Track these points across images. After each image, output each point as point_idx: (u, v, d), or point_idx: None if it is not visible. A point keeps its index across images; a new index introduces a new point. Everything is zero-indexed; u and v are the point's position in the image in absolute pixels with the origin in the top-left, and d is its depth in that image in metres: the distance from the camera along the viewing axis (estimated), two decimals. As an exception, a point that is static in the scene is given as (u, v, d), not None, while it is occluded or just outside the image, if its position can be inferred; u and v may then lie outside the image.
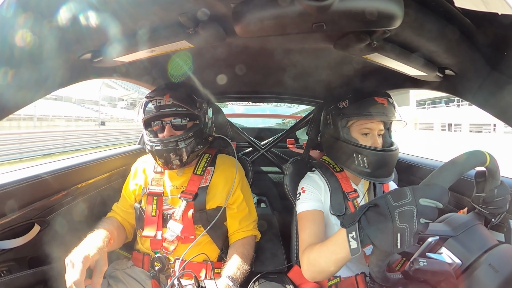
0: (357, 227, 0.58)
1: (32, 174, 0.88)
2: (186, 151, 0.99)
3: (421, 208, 0.52)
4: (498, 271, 0.53)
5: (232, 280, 0.89)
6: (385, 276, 0.62)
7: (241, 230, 1.10)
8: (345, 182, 1.00)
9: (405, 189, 0.55)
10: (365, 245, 0.58)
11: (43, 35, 0.64)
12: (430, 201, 0.52)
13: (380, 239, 0.55)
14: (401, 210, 0.53)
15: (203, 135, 1.07)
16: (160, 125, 1.03)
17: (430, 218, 0.51)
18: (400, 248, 0.52)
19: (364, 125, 0.92)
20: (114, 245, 1.02)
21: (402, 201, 0.54)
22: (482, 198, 0.68)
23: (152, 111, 1.00)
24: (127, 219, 1.13)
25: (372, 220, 0.57)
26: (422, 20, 0.67)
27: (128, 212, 1.13)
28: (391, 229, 0.53)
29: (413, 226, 0.51)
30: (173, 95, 0.99)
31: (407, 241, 0.52)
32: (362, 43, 0.75)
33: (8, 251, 0.81)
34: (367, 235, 0.57)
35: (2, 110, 0.65)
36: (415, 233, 0.51)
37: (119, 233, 1.06)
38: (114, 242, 0.98)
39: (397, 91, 1.27)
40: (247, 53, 1.09)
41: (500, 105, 0.76)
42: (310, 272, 0.80)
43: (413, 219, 0.51)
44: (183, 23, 0.69)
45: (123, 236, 1.10)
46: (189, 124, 1.04)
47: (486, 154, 0.61)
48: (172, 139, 0.98)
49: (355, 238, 0.58)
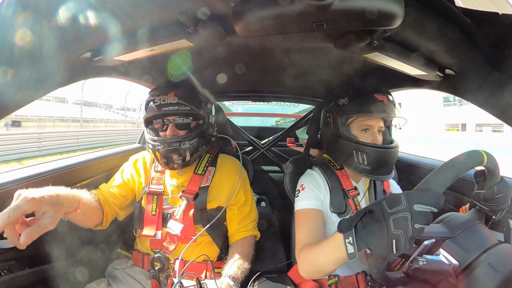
0: (354, 232, 0.59)
1: (32, 173, 0.88)
2: (189, 152, 0.98)
3: (416, 214, 0.52)
4: (498, 270, 0.53)
5: (233, 279, 0.89)
6: (385, 276, 0.62)
7: (241, 230, 1.10)
8: (345, 180, 1.00)
9: (399, 195, 0.55)
10: (361, 249, 0.59)
11: (43, 35, 0.64)
12: (425, 207, 0.52)
13: (375, 244, 0.56)
14: (395, 217, 0.53)
15: (206, 136, 1.06)
16: (162, 124, 1.02)
17: (424, 223, 0.52)
18: (396, 252, 0.53)
19: (364, 121, 0.92)
20: (79, 218, 0.86)
21: (396, 207, 0.54)
22: (482, 195, 0.68)
23: (155, 109, 0.98)
24: (110, 202, 1.00)
25: (367, 226, 0.57)
26: (423, 20, 0.67)
27: (116, 196, 1.03)
28: (386, 236, 0.53)
29: (407, 232, 0.52)
30: (178, 93, 0.98)
31: (402, 246, 0.52)
32: (362, 42, 0.75)
33: (8, 251, 0.81)
34: (363, 241, 0.57)
35: (2, 110, 0.66)
36: (410, 238, 0.52)
37: (91, 212, 0.92)
38: (80, 215, 0.83)
39: (397, 91, 1.27)
40: (247, 52, 1.08)
41: (500, 105, 0.76)
42: (306, 271, 0.81)
43: (407, 226, 0.52)
44: (183, 22, 0.69)
45: (96, 218, 0.95)
46: (192, 124, 1.03)
47: (483, 154, 0.61)
48: (175, 139, 0.97)
49: (351, 243, 0.58)
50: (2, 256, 0.80)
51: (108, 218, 1.01)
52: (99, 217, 0.98)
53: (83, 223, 0.92)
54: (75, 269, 0.97)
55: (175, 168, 1.01)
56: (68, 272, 0.88)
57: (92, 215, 0.94)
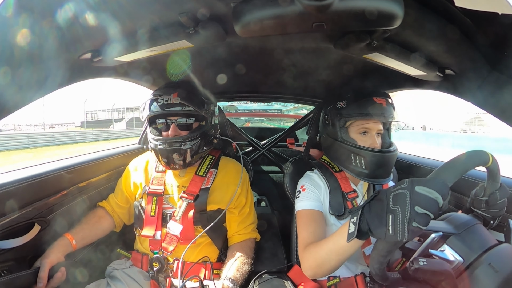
0: (360, 213, 0.60)
1: (32, 173, 0.88)
2: (190, 152, 0.98)
3: (416, 195, 0.52)
4: (498, 270, 0.53)
5: (232, 281, 0.89)
6: (385, 274, 0.62)
7: (240, 232, 1.10)
8: (344, 182, 1.00)
9: (405, 179, 0.56)
10: (364, 233, 0.59)
11: (43, 35, 0.64)
12: (426, 189, 0.51)
13: (375, 224, 0.56)
14: (395, 193, 0.55)
15: (208, 137, 1.06)
16: (165, 124, 1.02)
17: (426, 208, 0.50)
18: (393, 234, 0.52)
19: (363, 125, 0.92)
20: (91, 236, 1.04)
21: (398, 186, 0.56)
22: (485, 202, 0.68)
23: (158, 109, 0.98)
24: (117, 213, 1.14)
25: (372, 207, 0.59)
26: (422, 20, 0.67)
27: (122, 206, 1.14)
28: (385, 211, 0.55)
29: (405, 210, 0.51)
30: (181, 94, 0.98)
31: (399, 227, 0.51)
32: (362, 43, 0.75)
33: (8, 251, 0.81)
34: (366, 221, 0.58)
35: (2, 110, 0.65)
36: (409, 220, 0.51)
37: (96, 229, 1.07)
38: (83, 240, 1.00)
39: (397, 91, 1.27)
40: (247, 52, 1.09)
41: (500, 105, 0.76)
42: (310, 268, 0.80)
43: (405, 203, 0.52)
44: (183, 22, 0.69)
45: (106, 229, 1.11)
46: (194, 125, 1.03)
47: (488, 154, 0.60)
48: (177, 139, 0.97)
49: (354, 223, 0.60)
50: (2, 257, 0.80)
51: (119, 224, 1.17)
52: (110, 225, 1.13)
53: (95, 238, 1.07)
54: (75, 270, 0.96)
55: (176, 168, 1.01)
56: (68, 272, 0.88)
57: (98, 231, 1.08)
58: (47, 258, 0.84)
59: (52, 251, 0.88)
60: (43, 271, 0.80)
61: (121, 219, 1.16)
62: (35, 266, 0.83)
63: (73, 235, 0.96)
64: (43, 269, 0.81)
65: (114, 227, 1.15)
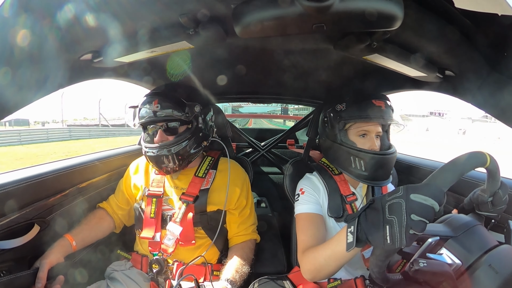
0: (356, 222, 0.60)
1: (32, 174, 0.88)
2: (177, 156, 0.98)
3: (411, 203, 0.52)
4: (498, 272, 0.53)
5: (231, 283, 0.89)
6: (385, 277, 0.62)
7: (240, 233, 1.10)
8: (343, 185, 1.00)
9: (400, 187, 0.56)
10: (362, 241, 0.59)
11: (44, 35, 0.64)
12: (421, 197, 0.51)
13: (373, 233, 0.56)
14: (390, 203, 0.55)
15: (197, 139, 1.04)
16: (155, 130, 1.03)
17: (423, 216, 0.50)
18: (391, 243, 0.52)
19: (362, 127, 0.92)
20: (91, 237, 1.05)
21: (393, 195, 0.55)
22: (490, 203, 0.68)
23: (143, 117, 1.00)
24: (118, 214, 1.15)
25: (368, 216, 0.58)
26: (422, 21, 0.67)
27: (122, 208, 1.15)
28: (382, 222, 0.54)
29: (402, 220, 0.51)
30: (160, 100, 0.98)
31: (397, 236, 0.51)
32: (362, 44, 0.75)
33: (8, 251, 0.81)
34: (363, 230, 0.58)
35: (2, 110, 0.66)
36: (406, 228, 0.51)
37: (97, 230, 1.08)
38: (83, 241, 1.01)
39: (397, 92, 1.27)
40: (247, 53, 1.09)
41: (500, 106, 0.76)
42: (309, 271, 0.80)
43: (401, 212, 0.52)
44: (183, 23, 0.70)
45: (106, 230, 1.12)
46: (180, 129, 1.03)
47: (486, 155, 0.60)
48: (162, 144, 0.97)
49: (352, 233, 0.59)
50: (2, 257, 0.79)
51: (120, 225, 1.17)
52: (110, 226, 1.14)
53: (95, 239, 1.08)
54: (74, 271, 0.96)
55: (169, 172, 1.02)
56: (67, 273, 0.88)
57: (98, 232, 1.09)
58: (47, 258, 0.84)
59: (52, 252, 0.88)
60: (42, 271, 0.80)
61: (121, 221, 1.16)
62: (34, 266, 0.83)
63: (73, 236, 0.96)
64: (42, 269, 0.81)
65: (114, 228, 1.15)
